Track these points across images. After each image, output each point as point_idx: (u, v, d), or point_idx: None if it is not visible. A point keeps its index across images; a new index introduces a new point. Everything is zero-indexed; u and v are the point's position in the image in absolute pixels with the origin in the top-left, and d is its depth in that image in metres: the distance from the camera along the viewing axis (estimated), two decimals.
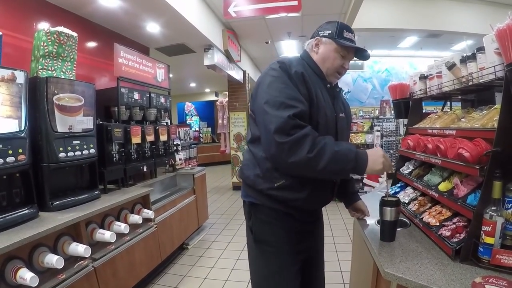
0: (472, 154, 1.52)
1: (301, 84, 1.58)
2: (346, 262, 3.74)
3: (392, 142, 9.25)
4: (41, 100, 2.57)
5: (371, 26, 7.20)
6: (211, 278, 3.77)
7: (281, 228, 1.72)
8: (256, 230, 1.77)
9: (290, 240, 1.74)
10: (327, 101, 1.70)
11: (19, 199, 2.42)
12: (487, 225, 1.37)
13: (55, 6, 3.74)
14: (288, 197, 1.65)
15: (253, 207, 1.76)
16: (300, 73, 1.59)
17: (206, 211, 5.63)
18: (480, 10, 7.39)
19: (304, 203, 1.68)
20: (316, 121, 1.60)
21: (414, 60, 11.20)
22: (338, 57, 1.73)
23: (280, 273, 1.72)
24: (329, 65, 1.74)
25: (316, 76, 1.74)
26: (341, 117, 1.80)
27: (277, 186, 1.63)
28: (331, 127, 1.69)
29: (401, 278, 1.37)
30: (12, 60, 2.72)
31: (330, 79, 1.78)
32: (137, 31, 5.03)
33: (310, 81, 1.62)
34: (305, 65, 1.74)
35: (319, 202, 1.83)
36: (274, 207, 1.69)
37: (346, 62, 1.77)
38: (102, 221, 2.89)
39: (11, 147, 2.24)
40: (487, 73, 1.61)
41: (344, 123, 1.84)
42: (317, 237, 2.00)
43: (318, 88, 1.67)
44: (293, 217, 1.72)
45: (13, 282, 1.98)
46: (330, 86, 1.78)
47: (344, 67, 1.77)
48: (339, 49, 1.72)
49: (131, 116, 3.93)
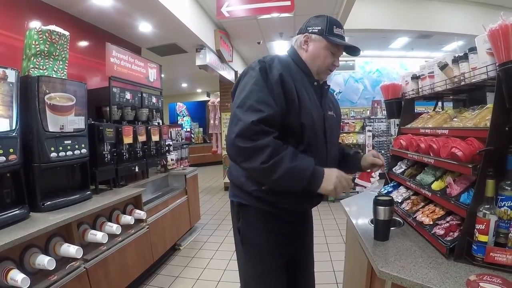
0: (465, 153, 1.53)
1: (277, 85, 1.52)
2: (339, 262, 3.75)
3: (384, 142, 9.31)
4: (32, 99, 2.54)
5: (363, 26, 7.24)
6: (203, 279, 3.76)
7: (268, 231, 1.71)
8: (243, 232, 1.76)
9: (277, 243, 1.73)
10: (313, 99, 1.66)
11: (10, 199, 2.39)
12: (481, 223, 1.38)
13: (46, 5, 3.70)
14: (276, 199, 1.63)
15: (241, 207, 1.75)
16: (277, 75, 1.53)
17: (198, 212, 5.62)
18: (470, 11, 7.47)
19: (293, 205, 1.67)
20: (298, 123, 1.56)
21: (405, 60, 11.27)
22: (329, 55, 1.68)
23: (266, 275, 1.72)
24: (320, 63, 1.70)
25: (303, 74, 1.69)
26: (330, 115, 1.77)
27: (264, 189, 1.60)
28: (318, 127, 1.65)
29: (396, 276, 1.38)
30: (2, 58, 2.69)
31: (321, 77, 1.75)
32: (129, 30, 5.01)
33: (291, 82, 1.56)
34: (290, 63, 1.68)
35: (308, 203, 1.80)
36: (262, 208, 1.67)
37: (337, 59, 1.73)
38: (94, 222, 2.86)
39: (1, 147, 2.21)
40: (479, 73, 1.62)
41: (333, 122, 1.81)
42: (306, 239, 1.97)
43: (303, 87, 1.63)
44: (281, 219, 1.71)
45: (4, 284, 1.95)
46: (317, 84, 1.73)
47: (335, 64, 1.73)
48: (329, 47, 1.67)
49: (122, 116, 3.91)
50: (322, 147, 1.68)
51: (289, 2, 4.48)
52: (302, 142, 1.59)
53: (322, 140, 1.67)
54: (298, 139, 1.59)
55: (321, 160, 1.63)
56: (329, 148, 1.72)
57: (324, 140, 1.69)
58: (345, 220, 2.44)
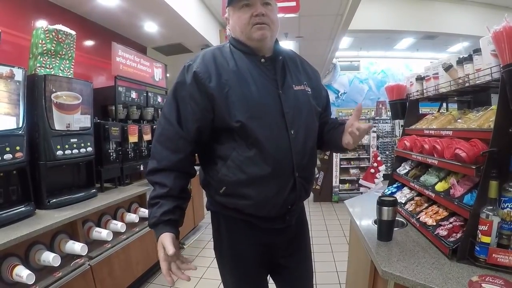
0: (469, 154, 1.53)
1: (196, 89, 1.38)
2: (342, 263, 3.75)
3: (388, 143, 9.28)
4: (39, 97, 2.57)
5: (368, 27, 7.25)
6: (207, 277, 3.77)
7: (240, 241, 1.55)
8: (215, 240, 1.65)
9: (252, 254, 1.55)
10: (257, 80, 1.42)
11: (15, 196, 2.42)
12: (484, 225, 1.38)
13: (53, 4, 3.74)
14: (237, 203, 1.45)
15: (213, 214, 1.63)
16: (191, 76, 1.39)
17: (202, 211, 5.60)
18: (476, 12, 7.45)
19: (257, 208, 1.44)
20: (233, 120, 1.36)
21: (410, 61, 11.26)
22: (242, 13, 1.43)
23: (241, 285, 1.63)
24: (240, 27, 1.45)
25: (243, 54, 1.47)
26: (295, 90, 1.50)
27: (222, 193, 1.45)
28: (270, 109, 1.41)
29: (398, 277, 1.38)
30: (10, 57, 2.71)
31: (255, 37, 1.43)
32: (135, 30, 5.04)
33: (211, 78, 1.37)
34: (225, 49, 1.50)
35: (278, 205, 1.46)
36: (230, 216, 1.52)
37: (251, 8, 1.41)
38: (99, 220, 2.89)
39: (8, 144, 2.24)
40: (484, 74, 1.62)
41: (302, 97, 1.52)
42: (295, 246, 1.67)
43: (246, 69, 1.43)
44: (254, 226, 1.50)
45: (9, 280, 1.98)
46: (265, 60, 1.49)
47: (255, 15, 1.40)
48: (236, 8, 1.44)
49: (128, 115, 3.94)
50: (280, 134, 1.41)
51: (294, 2, 4.48)
52: (246, 139, 1.38)
53: (278, 126, 1.41)
54: (238, 138, 1.40)
55: (282, 151, 1.41)
56: (296, 130, 1.44)
57: (283, 125, 1.42)
58: (349, 221, 2.44)
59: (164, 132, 1.43)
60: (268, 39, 1.46)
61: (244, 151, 1.38)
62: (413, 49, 10.16)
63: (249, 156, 1.37)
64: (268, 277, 1.73)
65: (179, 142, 1.40)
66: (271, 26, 1.45)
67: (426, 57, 10.12)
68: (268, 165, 1.37)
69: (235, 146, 1.39)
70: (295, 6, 4.51)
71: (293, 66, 1.60)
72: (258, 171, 1.37)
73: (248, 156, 1.37)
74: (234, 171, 1.39)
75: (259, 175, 1.38)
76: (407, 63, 11.37)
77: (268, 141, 1.37)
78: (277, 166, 1.39)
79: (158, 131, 1.47)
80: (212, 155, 1.47)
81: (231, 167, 1.39)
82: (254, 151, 1.37)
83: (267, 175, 1.38)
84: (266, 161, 1.37)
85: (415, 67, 9.98)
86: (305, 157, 1.48)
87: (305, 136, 1.48)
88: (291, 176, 1.44)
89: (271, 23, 1.45)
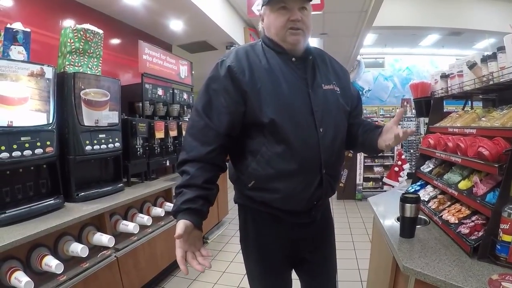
0: (492, 152, 1.53)
1: (229, 82, 1.41)
2: (364, 260, 3.75)
3: (413, 142, 9.16)
4: (68, 94, 2.66)
5: (392, 24, 7.14)
6: (229, 272, 3.82)
7: (266, 234, 1.59)
8: (242, 232, 1.69)
9: (277, 247, 1.60)
10: (288, 78, 1.45)
11: (45, 189, 2.53)
12: (505, 223, 1.38)
13: (80, 4, 3.85)
14: (265, 197, 1.48)
15: (240, 208, 1.68)
16: (226, 71, 1.42)
17: (226, 206, 5.68)
18: (502, 8, 7.22)
19: (284, 202, 1.48)
20: (264, 116, 1.39)
21: (435, 58, 11.01)
22: (279, 15, 1.44)
23: (263, 279, 1.67)
24: (275, 29, 1.47)
25: (276, 54, 1.50)
26: (324, 90, 1.52)
27: (251, 187, 1.50)
28: (299, 108, 1.44)
29: (419, 273, 1.40)
30: (39, 56, 2.80)
31: (290, 41, 1.46)
32: (161, 28, 5.12)
33: (244, 72, 1.41)
34: (249, 50, 1.50)
35: (304, 200, 1.49)
36: (257, 209, 1.56)
37: (288, 12, 1.43)
38: (126, 213, 2.99)
39: (39, 139, 2.34)
40: (508, 72, 1.61)
41: (331, 97, 1.53)
42: (320, 242, 1.71)
43: (278, 67, 1.46)
44: (280, 220, 1.54)
45: (38, 269, 2.07)
46: (296, 60, 1.51)
47: (292, 19, 1.42)
48: (273, 9, 1.46)
49: (154, 112, 4.03)
50: (308, 132, 1.44)
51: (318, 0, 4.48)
52: (275, 135, 1.41)
53: (307, 124, 1.44)
54: (267, 134, 1.42)
55: (310, 148, 1.43)
56: (324, 129, 1.46)
57: (312, 123, 1.45)
58: (371, 219, 2.44)
59: (195, 124, 1.46)
60: (301, 43, 1.50)
61: (272, 147, 1.41)
62: (439, 45, 9.95)
63: (277, 152, 1.41)
64: (292, 271, 1.76)
65: (209, 134, 1.42)
66: (305, 31, 1.48)
67: (452, 54, 9.88)
68: (296, 161, 1.41)
69: (265, 141, 1.42)
70: (319, 4, 4.49)
71: (323, 66, 1.61)
72: (285, 166, 1.41)
73: (276, 152, 1.41)
74: (263, 166, 1.43)
75: (287, 171, 1.42)
76: (432, 60, 11.13)
77: (297, 138, 1.40)
78: (304, 163, 1.42)
79: (190, 124, 1.51)
80: (242, 150, 1.50)
81: (261, 162, 1.43)
82: (282, 147, 1.40)
83: (294, 171, 1.42)
84: (294, 158, 1.41)
85: (441, 64, 9.75)
86: (333, 155, 1.51)
87: (334, 134, 1.50)
88: (319, 172, 1.47)
89: (306, 28, 1.47)
